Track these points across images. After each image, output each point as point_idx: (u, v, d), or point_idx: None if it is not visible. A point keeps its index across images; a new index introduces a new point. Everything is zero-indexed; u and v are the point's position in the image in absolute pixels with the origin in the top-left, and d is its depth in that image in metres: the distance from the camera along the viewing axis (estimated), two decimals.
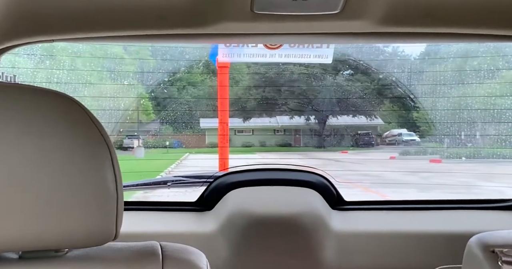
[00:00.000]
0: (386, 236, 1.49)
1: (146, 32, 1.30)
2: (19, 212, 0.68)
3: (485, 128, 7.63)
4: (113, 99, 6.19)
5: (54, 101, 0.72)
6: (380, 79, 8.19)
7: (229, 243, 1.47)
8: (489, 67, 7.13)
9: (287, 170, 1.61)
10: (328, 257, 1.48)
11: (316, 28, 1.25)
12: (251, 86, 8.36)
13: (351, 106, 8.76)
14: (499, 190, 5.88)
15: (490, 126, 7.50)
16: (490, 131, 7.55)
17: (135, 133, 7.91)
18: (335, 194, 1.57)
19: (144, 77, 6.99)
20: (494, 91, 7.16)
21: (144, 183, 1.67)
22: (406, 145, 9.09)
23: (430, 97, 7.69)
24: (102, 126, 0.74)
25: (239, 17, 1.18)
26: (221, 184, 1.56)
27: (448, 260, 1.41)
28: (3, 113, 0.69)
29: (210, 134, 8.15)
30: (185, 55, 6.80)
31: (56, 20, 1.21)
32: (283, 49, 2.64)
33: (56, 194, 0.69)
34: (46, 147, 0.69)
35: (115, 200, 0.73)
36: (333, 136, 9.45)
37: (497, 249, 1.05)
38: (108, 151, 0.73)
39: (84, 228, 0.71)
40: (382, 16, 1.15)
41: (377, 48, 8.11)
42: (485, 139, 7.75)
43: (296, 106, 8.80)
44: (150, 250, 0.80)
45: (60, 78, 5.27)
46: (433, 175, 7.45)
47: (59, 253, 0.77)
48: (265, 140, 9.31)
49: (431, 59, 7.72)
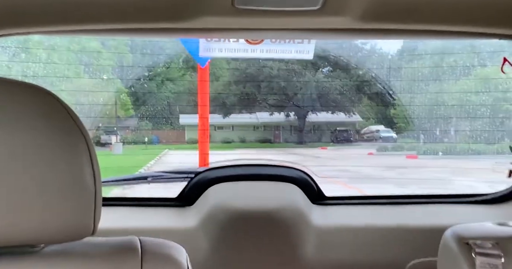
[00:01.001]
0: (365, 230, 1.51)
1: (125, 25, 1.28)
2: None
3: (460, 124, 7.81)
4: (90, 93, 6.09)
5: (30, 94, 0.71)
6: (359, 76, 8.29)
7: (210, 239, 1.47)
8: (465, 64, 7.29)
9: (268, 166, 1.61)
10: (308, 251, 1.50)
11: (297, 23, 1.26)
12: (231, 82, 8.34)
13: (330, 103, 8.84)
14: (471, 185, 6.05)
15: (465, 122, 7.69)
16: (465, 127, 7.73)
17: (113, 128, 7.81)
18: (315, 189, 1.59)
19: (123, 72, 6.89)
20: (469, 87, 7.33)
21: (124, 178, 1.65)
22: (384, 141, 9.24)
23: (407, 94, 7.82)
24: (80, 120, 0.73)
25: (220, 11, 1.18)
26: (202, 179, 1.55)
27: (424, 253, 1.44)
28: None
29: (190, 130, 8.10)
30: (165, 50, 6.74)
31: (32, 12, 1.18)
32: (265, 45, 2.64)
33: (31, 189, 0.68)
34: (22, 141, 0.67)
35: (93, 195, 0.72)
36: (312, 133, 9.52)
37: (471, 241, 1.08)
38: (86, 145, 0.72)
39: (61, 223, 0.70)
40: (362, 12, 1.17)
41: (356, 45, 8.20)
42: (460, 135, 7.94)
43: (276, 102, 8.83)
44: (129, 245, 0.79)
45: (36, 72, 5.16)
46: (409, 170, 7.59)
47: (35, 248, 0.76)
48: (245, 136, 9.31)
49: (409, 55, 7.84)
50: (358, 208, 1.61)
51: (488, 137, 7.42)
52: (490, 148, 7.55)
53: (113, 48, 6.58)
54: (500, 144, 7.29)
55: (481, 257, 1.05)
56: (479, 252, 1.06)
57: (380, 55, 8.35)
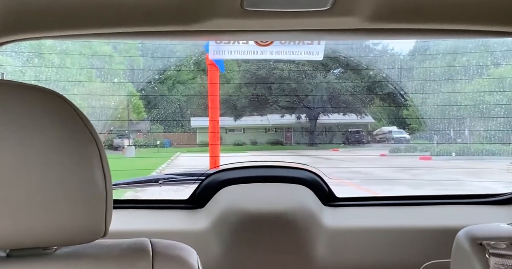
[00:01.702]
0: (377, 232, 1.50)
1: (135, 29, 1.29)
2: (7, 209, 0.67)
3: (474, 125, 7.70)
4: (102, 97, 6.14)
5: (41, 97, 0.71)
6: (370, 77, 8.23)
7: (221, 241, 1.47)
8: (478, 63, 7.20)
9: (279, 167, 1.61)
10: (320, 253, 1.49)
11: (306, 24, 1.26)
12: (241, 84, 8.34)
13: (341, 104, 8.79)
14: (486, 186, 5.96)
15: (479, 123, 7.58)
16: (479, 128, 7.63)
17: (125, 132, 7.86)
18: (326, 190, 1.58)
19: (135, 76, 6.94)
20: (482, 87, 7.23)
21: (135, 181, 1.66)
22: (396, 142, 9.15)
23: (419, 94, 7.74)
24: (90, 123, 0.73)
25: (229, 14, 1.18)
26: (213, 181, 1.55)
27: (438, 254, 1.42)
28: None
29: (201, 133, 8.13)
30: (176, 53, 6.76)
31: (44, 17, 1.20)
32: (274, 46, 2.64)
33: (43, 192, 0.68)
34: (33, 144, 0.68)
35: (104, 197, 0.72)
36: (324, 134, 9.47)
37: (485, 241, 1.07)
38: (96, 148, 0.72)
39: (73, 225, 0.71)
40: (371, 12, 1.16)
41: (367, 46, 8.15)
42: (474, 135, 7.83)
43: (287, 104, 8.81)
44: (140, 247, 0.79)
45: (48, 76, 5.22)
46: (423, 172, 7.51)
47: (47, 250, 0.76)
48: (256, 138, 9.31)
49: (421, 55, 7.77)
50: (370, 209, 1.60)
51: (503, 137, 7.31)
52: (505, 148, 7.43)
53: (124, 52, 6.64)
54: None
55: (495, 258, 1.04)
56: (493, 252, 1.05)
57: (392, 55, 8.28)
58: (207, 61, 5.12)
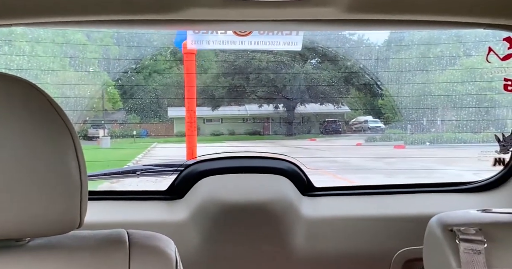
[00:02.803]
0: (354, 221, 1.53)
1: (112, 17, 1.26)
2: None
3: (446, 114, 7.88)
4: (77, 87, 6.00)
5: (12, 86, 0.70)
6: (347, 67, 8.30)
7: (200, 231, 1.48)
8: (450, 54, 7.34)
9: (258, 158, 1.62)
10: (299, 242, 1.51)
11: (284, 15, 1.26)
12: (219, 74, 8.29)
13: (319, 94, 8.85)
14: (459, 173, 6.13)
15: (451, 112, 7.76)
16: (451, 117, 7.81)
17: (101, 122, 7.73)
18: (305, 180, 1.60)
19: (109, 65, 6.80)
20: (454, 77, 7.39)
21: (112, 172, 1.64)
22: (372, 131, 9.29)
23: (394, 84, 7.86)
24: (64, 112, 0.72)
25: (208, 3, 1.17)
26: (192, 172, 1.55)
27: (412, 241, 1.47)
28: None
29: (178, 123, 8.06)
30: (152, 42, 6.65)
31: (15, 4, 1.16)
32: (253, 36, 2.63)
33: (16, 182, 0.67)
34: (5, 135, 0.66)
35: (79, 187, 0.71)
36: (301, 124, 9.54)
37: (455, 228, 1.11)
38: (70, 138, 0.71)
39: (46, 216, 0.69)
40: (349, 3, 1.17)
41: (343, 36, 8.20)
42: (446, 124, 8.02)
43: (265, 94, 8.81)
44: (116, 238, 0.79)
45: (20, 65, 5.06)
46: (397, 160, 7.66)
47: (20, 242, 0.75)
48: (234, 128, 9.30)
49: (395, 46, 7.87)
50: (347, 198, 1.63)
51: (474, 126, 7.51)
52: (475, 137, 7.64)
53: (98, 40, 6.49)
54: (485, 133, 7.38)
55: (464, 243, 1.07)
56: (463, 238, 1.08)
57: (368, 45, 8.37)
58: (183, 50, 5.06)
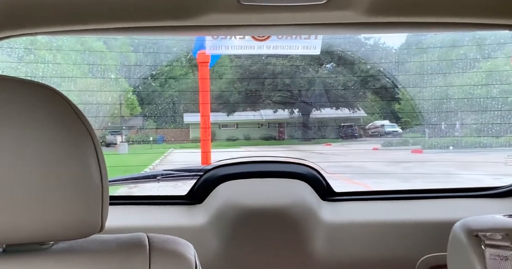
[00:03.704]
0: (375, 226, 1.51)
1: (131, 24, 1.28)
2: (3, 205, 0.67)
3: (466, 118, 7.75)
4: (95, 93, 6.09)
5: (36, 92, 0.71)
6: (363, 71, 8.25)
7: (219, 236, 1.47)
8: (470, 57, 7.23)
9: (277, 162, 1.61)
10: (318, 248, 1.49)
11: (303, 19, 1.25)
12: (234, 80, 8.32)
13: (334, 98, 8.81)
14: (477, 178, 6.02)
15: (471, 116, 7.63)
16: (471, 121, 7.68)
17: (119, 128, 7.82)
18: (325, 185, 1.58)
19: (127, 71, 6.89)
20: (474, 80, 7.28)
21: (133, 177, 1.65)
22: (389, 136, 9.20)
23: (411, 88, 7.78)
24: (85, 117, 0.73)
25: (226, 8, 1.18)
26: (211, 177, 1.55)
27: (435, 248, 1.43)
28: None
29: (194, 129, 8.11)
30: (169, 48, 6.71)
31: (40, 13, 1.18)
32: (271, 41, 2.63)
33: (39, 187, 0.68)
34: (30, 139, 0.68)
35: (100, 192, 0.72)
36: (317, 129, 9.49)
37: (480, 233, 1.08)
38: (92, 143, 0.72)
39: (69, 221, 0.70)
40: (368, 6, 1.16)
41: (359, 40, 8.16)
42: (466, 128, 7.89)
43: (280, 99, 8.81)
44: (136, 242, 0.79)
45: (40, 72, 5.17)
46: (414, 165, 7.56)
47: (44, 246, 0.76)
48: (250, 133, 9.31)
49: (412, 49, 7.80)
50: (368, 203, 1.60)
51: (495, 130, 7.37)
52: (497, 141, 7.50)
53: (116, 48, 6.58)
54: (508, 137, 7.24)
55: (490, 249, 1.05)
56: (489, 244, 1.05)
57: (384, 49, 8.31)
58: (198, 59, 5.12)
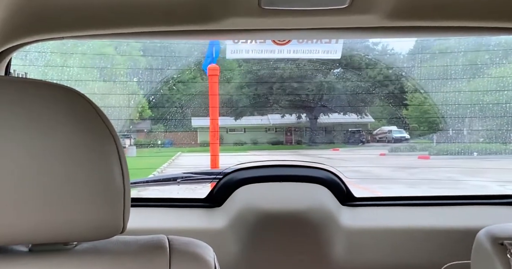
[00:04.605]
0: (396, 232, 1.49)
1: (153, 29, 1.29)
2: (29, 205, 0.68)
3: (473, 124, 7.71)
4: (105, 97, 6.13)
5: (61, 95, 0.72)
6: (370, 77, 8.25)
7: (238, 239, 1.47)
8: (477, 62, 7.21)
9: (296, 167, 1.61)
10: (337, 253, 1.48)
11: (324, 23, 1.26)
12: (243, 84, 8.35)
13: (342, 104, 8.80)
14: (482, 184, 5.97)
15: (478, 122, 7.60)
16: (479, 127, 7.64)
17: (128, 132, 7.85)
18: (344, 190, 1.57)
19: (136, 75, 6.92)
20: (481, 86, 7.26)
21: (153, 179, 1.66)
22: (396, 142, 9.17)
23: (419, 94, 7.77)
24: (108, 120, 0.74)
25: (246, 12, 1.18)
26: (231, 180, 1.55)
27: (458, 255, 1.40)
28: (10, 107, 0.68)
29: (202, 133, 8.13)
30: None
31: (65, 17, 1.20)
32: (292, 45, 2.64)
33: (64, 188, 0.69)
34: (53, 141, 0.69)
35: (122, 194, 0.73)
36: (324, 134, 9.48)
37: (506, 241, 1.05)
38: (115, 145, 0.73)
39: (92, 221, 0.72)
40: (390, 10, 1.16)
41: (367, 46, 8.17)
42: (472, 134, 7.85)
43: (288, 104, 8.82)
44: (157, 243, 0.80)
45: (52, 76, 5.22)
46: (421, 170, 7.53)
47: (68, 246, 0.77)
48: (257, 138, 9.32)
49: (421, 54, 7.79)
50: (388, 209, 1.59)
51: (502, 136, 7.33)
52: (503, 148, 7.46)
53: (126, 52, 6.63)
54: None
55: None
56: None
57: (392, 55, 8.31)
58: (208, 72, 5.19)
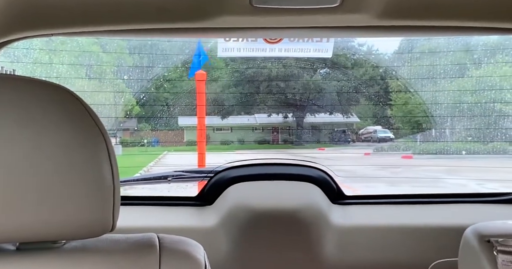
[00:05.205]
0: (386, 230, 1.51)
1: (145, 26, 1.29)
2: (17, 204, 0.68)
3: (456, 124, 7.83)
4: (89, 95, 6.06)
5: (51, 92, 0.72)
6: (356, 77, 8.32)
7: (229, 238, 1.47)
8: (461, 62, 7.33)
9: (287, 165, 1.61)
10: (328, 251, 1.49)
11: (315, 22, 1.26)
12: (230, 84, 8.34)
13: (328, 104, 8.86)
14: (461, 183, 6.08)
15: (461, 122, 7.72)
16: (461, 127, 7.76)
17: (113, 130, 7.77)
18: (335, 188, 1.59)
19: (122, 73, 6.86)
20: (463, 87, 7.38)
21: (143, 178, 1.65)
22: (381, 141, 9.25)
23: (403, 94, 7.86)
24: (98, 118, 0.74)
25: (238, 10, 1.18)
26: (222, 178, 1.55)
27: (446, 253, 1.42)
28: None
29: (189, 132, 8.10)
30: (164, 51, 6.69)
31: (56, 14, 1.19)
32: (283, 44, 2.65)
33: (53, 186, 0.68)
34: (44, 139, 0.68)
35: (111, 191, 0.73)
36: (311, 134, 9.53)
37: (492, 238, 1.06)
38: (104, 143, 0.72)
39: (81, 219, 0.71)
40: (381, 9, 1.17)
41: (353, 46, 8.24)
42: (455, 134, 7.97)
43: (275, 103, 8.84)
44: (147, 242, 0.80)
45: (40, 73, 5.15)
46: (403, 170, 7.62)
47: (56, 244, 0.77)
48: (244, 137, 9.32)
49: (406, 55, 7.88)
50: (378, 207, 1.61)
51: (483, 136, 7.47)
52: (484, 147, 7.59)
53: (112, 50, 6.56)
54: (494, 143, 7.34)
55: (503, 255, 1.03)
56: (501, 250, 1.04)
57: (377, 55, 8.39)
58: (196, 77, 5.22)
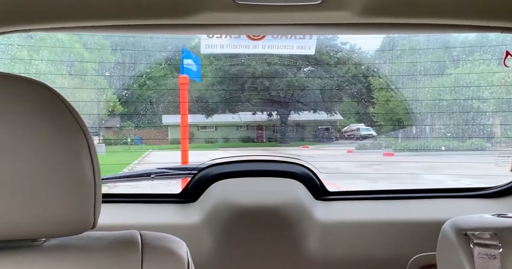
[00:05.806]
0: (368, 225, 1.53)
1: (127, 22, 1.27)
2: None
3: (436, 121, 7.96)
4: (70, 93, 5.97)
5: (29, 88, 0.70)
6: (339, 75, 8.38)
7: (213, 234, 1.48)
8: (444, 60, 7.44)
9: (271, 162, 1.62)
10: (312, 246, 1.51)
11: (298, 19, 1.27)
12: (214, 82, 8.31)
13: (312, 102, 8.90)
14: (439, 179, 6.20)
15: (441, 119, 7.84)
16: (440, 125, 7.89)
17: (96, 129, 7.67)
18: (318, 184, 1.60)
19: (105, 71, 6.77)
20: (445, 84, 7.49)
21: (126, 175, 1.64)
22: (364, 139, 9.35)
23: (385, 92, 7.95)
24: (78, 114, 0.73)
25: (221, 7, 1.18)
26: (205, 175, 1.55)
27: (427, 247, 1.46)
28: None
29: (172, 130, 8.05)
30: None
31: (33, 9, 1.16)
32: (266, 41, 2.65)
33: (31, 183, 0.67)
34: (22, 135, 0.67)
35: (92, 189, 0.72)
36: (295, 132, 9.57)
37: (469, 232, 1.10)
38: (85, 139, 0.71)
39: (61, 217, 0.70)
40: (363, 6, 1.18)
41: (335, 45, 8.29)
42: (436, 132, 8.10)
43: (259, 102, 8.85)
44: (129, 239, 0.79)
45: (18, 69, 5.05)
46: (384, 166, 7.73)
47: (36, 242, 0.76)
48: (228, 135, 9.30)
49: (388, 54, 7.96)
50: (360, 203, 1.63)
51: (462, 133, 7.61)
52: (462, 144, 7.73)
53: (95, 48, 6.47)
54: (472, 140, 7.48)
55: (479, 248, 1.06)
56: (477, 242, 1.07)
57: (359, 54, 8.46)
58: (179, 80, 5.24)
